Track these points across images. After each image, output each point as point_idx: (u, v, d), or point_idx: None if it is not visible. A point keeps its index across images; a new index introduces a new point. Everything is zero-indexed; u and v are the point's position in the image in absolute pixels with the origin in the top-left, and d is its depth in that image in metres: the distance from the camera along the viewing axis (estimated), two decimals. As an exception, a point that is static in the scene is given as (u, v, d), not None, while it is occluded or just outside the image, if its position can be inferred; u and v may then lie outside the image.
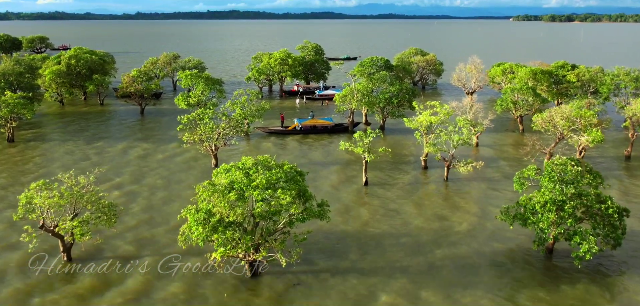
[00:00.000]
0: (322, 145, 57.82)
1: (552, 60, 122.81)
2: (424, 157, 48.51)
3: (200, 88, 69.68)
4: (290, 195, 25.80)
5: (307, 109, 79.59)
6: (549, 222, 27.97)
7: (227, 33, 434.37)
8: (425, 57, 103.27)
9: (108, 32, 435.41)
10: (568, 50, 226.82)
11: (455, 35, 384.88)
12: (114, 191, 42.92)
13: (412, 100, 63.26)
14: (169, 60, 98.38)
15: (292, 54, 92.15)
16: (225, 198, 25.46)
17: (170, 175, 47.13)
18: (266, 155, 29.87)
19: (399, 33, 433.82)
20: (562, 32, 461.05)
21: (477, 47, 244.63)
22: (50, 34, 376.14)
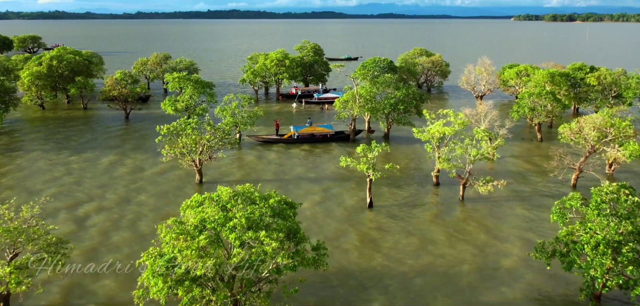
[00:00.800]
0: (320, 156, 52.12)
1: (561, 61, 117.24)
2: (435, 173, 42.84)
3: (188, 93, 64.06)
4: (277, 238, 20.14)
5: (304, 115, 73.89)
6: (603, 270, 22.28)
7: (226, 32, 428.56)
8: (431, 57, 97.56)
9: (107, 32, 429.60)
10: (575, 50, 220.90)
11: (457, 35, 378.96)
12: (78, 210, 37.24)
13: (419, 105, 57.61)
14: (159, 61, 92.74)
15: (289, 55, 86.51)
16: (194, 243, 19.80)
17: (148, 193, 41.48)
18: (248, 184, 24.10)
19: (400, 33, 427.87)
20: (566, 31, 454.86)
21: (481, 47, 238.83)
22: (50, 34, 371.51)
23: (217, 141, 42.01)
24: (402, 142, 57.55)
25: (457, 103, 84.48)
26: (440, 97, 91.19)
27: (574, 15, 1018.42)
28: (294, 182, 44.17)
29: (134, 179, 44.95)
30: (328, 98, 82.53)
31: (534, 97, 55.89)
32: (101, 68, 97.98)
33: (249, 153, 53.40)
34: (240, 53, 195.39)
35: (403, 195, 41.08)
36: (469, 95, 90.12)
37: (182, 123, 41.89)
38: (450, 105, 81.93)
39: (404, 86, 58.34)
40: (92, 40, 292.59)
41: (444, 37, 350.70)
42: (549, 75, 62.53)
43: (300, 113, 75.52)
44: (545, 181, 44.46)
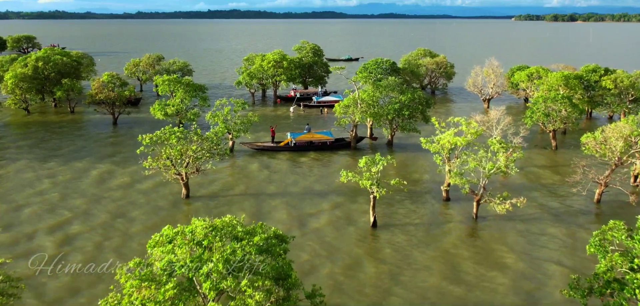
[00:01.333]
0: (318, 167, 48.21)
1: (568, 61, 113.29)
2: (445, 187, 38.95)
3: (179, 96, 60.22)
4: (263, 286, 16.28)
5: (303, 120, 70.02)
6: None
7: (226, 32, 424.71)
8: (435, 58, 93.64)
9: (106, 32, 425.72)
10: (580, 51, 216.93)
11: (458, 35, 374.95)
12: (44, 238, 33.38)
13: (425, 111, 53.72)
14: (151, 62, 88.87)
15: (287, 56, 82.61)
16: (160, 293, 15.95)
17: (129, 208, 37.62)
18: (228, 216, 20.15)
19: (401, 33, 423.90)
20: (569, 31, 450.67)
21: (484, 47, 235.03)
22: (49, 34, 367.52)
23: (204, 152, 38.13)
24: (407, 150, 53.64)
25: (463, 106, 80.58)
26: (444, 100, 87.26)
27: (575, 15, 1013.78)
28: (289, 197, 40.30)
29: (119, 193, 41.08)
30: (328, 102, 78.65)
31: (548, 101, 51.99)
32: (92, 69, 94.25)
33: (242, 162, 49.49)
34: (239, 53, 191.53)
35: (411, 212, 37.17)
36: (476, 98, 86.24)
37: (166, 132, 38.02)
38: (455, 109, 78.08)
39: (409, 90, 54.42)
40: (90, 40, 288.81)
41: (446, 37, 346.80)
42: (563, 78, 58.61)
43: (298, 117, 71.64)
44: (566, 195, 40.55)
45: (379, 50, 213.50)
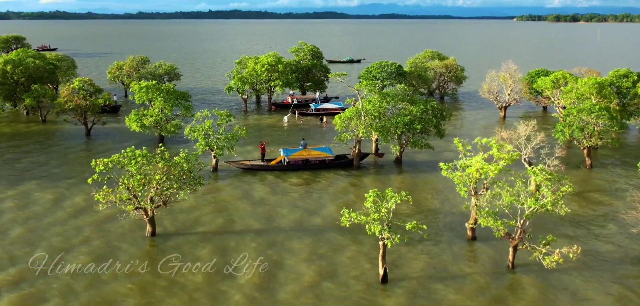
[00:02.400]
0: (315, 193, 40.83)
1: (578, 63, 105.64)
2: (471, 224, 31.55)
3: (157, 105, 52.94)
4: None
5: (299, 132, 62.69)
6: None
7: (226, 33, 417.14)
8: (444, 61, 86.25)
9: (105, 32, 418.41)
10: (591, 52, 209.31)
11: (461, 36, 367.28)
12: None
13: (440, 124, 46.32)
14: (135, 65, 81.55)
15: (283, 58, 75.24)
16: None
17: (73, 245, 30.28)
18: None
19: (403, 33, 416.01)
20: (573, 32, 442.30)
21: (489, 48, 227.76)
22: (47, 34, 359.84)
23: (172, 182, 30.76)
24: (419, 169, 46.23)
25: (476, 115, 73.12)
26: (455, 107, 79.82)
27: (577, 15, 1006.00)
28: (275, 234, 32.91)
29: (65, 226, 33.70)
30: (327, 110, 71.28)
31: (583, 113, 44.58)
32: (73, 73, 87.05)
33: (226, 185, 42.11)
34: (238, 54, 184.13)
35: (428, 258, 29.74)
36: (489, 105, 78.79)
37: (126, 156, 30.66)
38: (468, 118, 70.63)
39: (421, 100, 46.97)
40: (86, 40, 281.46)
41: (448, 37, 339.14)
42: (597, 85, 51.16)
43: (294, 128, 64.26)
44: (619, 233, 33.11)
45: (381, 51, 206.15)
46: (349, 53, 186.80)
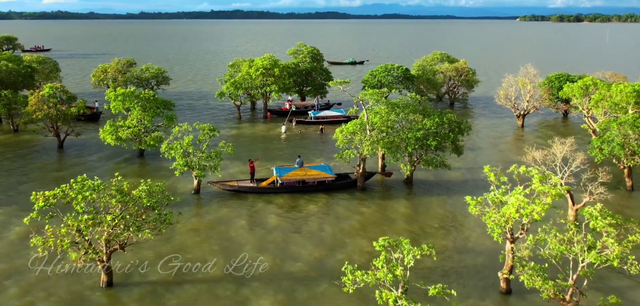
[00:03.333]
0: (312, 223, 34.56)
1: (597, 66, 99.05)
2: (505, 273, 25.21)
3: (135, 116, 46.77)
4: None
5: (297, 144, 56.47)
6: None
7: (227, 33, 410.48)
8: (454, 64, 79.88)
9: (105, 32, 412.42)
10: (604, 53, 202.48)
11: (465, 36, 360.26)
12: None
13: (457, 140, 40.02)
14: (120, 68, 75.39)
15: (279, 61, 68.98)
16: None
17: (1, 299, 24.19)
18: None
19: (406, 33, 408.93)
20: (580, 32, 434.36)
21: (497, 49, 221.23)
22: (47, 34, 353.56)
23: (126, 224, 24.46)
24: (434, 192, 39.92)
25: (490, 122, 66.74)
26: (466, 113, 73.49)
27: (581, 16, 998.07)
28: (259, 272, 26.62)
29: (6, 264, 27.52)
30: (327, 118, 65.03)
31: (626, 126, 38.22)
32: (56, 76, 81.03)
33: (207, 213, 35.87)
34: (237, 55, 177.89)
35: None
36: (503, 111, 72.37)
37: (75, 188, 24.44)
38: (483, 127, 64.28)
39: (436, 111, 40.58)
40: (85, 40, 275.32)
41: (453, 38, 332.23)
42: (635, 93, 44.71)
43: (292, 139, 58.02)
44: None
45: (385, 52, 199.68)
46: (351, 54, 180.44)
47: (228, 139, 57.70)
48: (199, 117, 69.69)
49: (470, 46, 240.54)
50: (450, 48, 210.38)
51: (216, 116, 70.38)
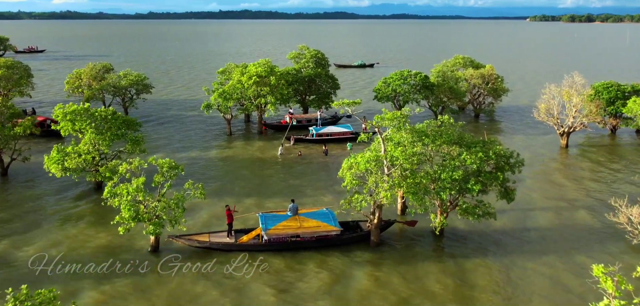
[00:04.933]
0: (308, 299, 24.35)
1: (635, 73, 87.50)
2: None
3: (88, 140, 36.86)
4: None
5: (296, 172, 46.31)
6: None
7: (234, 33, 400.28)
8: (480, 70, 69.30)
9: (108, 32, 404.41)
10: (633, 57, 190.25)
11: (477, 37, 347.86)
12: None
13: (506, 181, 29.54)
14: (96, 74, 65.57)
15: (276, 67, 58.84)
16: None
17: None
18: None
19: (416, 34, 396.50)
20: (596, 33, 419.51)
21: (513, 51, 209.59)
22: (52, 35, 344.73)
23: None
24: (473, 246, 29.52)
25: (528, 142, 56.13)
26: (495, 128, 62.97)
27: (592, 16, 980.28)
28: None
29: None
30: (333, 135, 54.85)
31: None
32: (28, 83, 71.53)
33: (166, 283, 25.72)
34: (242, 57, 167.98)
35: None
36: (540, 126, 61.66)
37: None
38: (519, 145, 53.73)
39: (477, 142, 30.06)
40: (86, 40, 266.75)
41: (465, 39, 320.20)
42: None
43: (292, 163, 47.83)
44: None
45: (396, 54, 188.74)
46: (360, 56, 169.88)
47: (212, 162, 47.73)
48: (184, 132, 59.76)
49: (486, 48, 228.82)
50: (466, 50, 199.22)
51: (205, 131, 60.50)
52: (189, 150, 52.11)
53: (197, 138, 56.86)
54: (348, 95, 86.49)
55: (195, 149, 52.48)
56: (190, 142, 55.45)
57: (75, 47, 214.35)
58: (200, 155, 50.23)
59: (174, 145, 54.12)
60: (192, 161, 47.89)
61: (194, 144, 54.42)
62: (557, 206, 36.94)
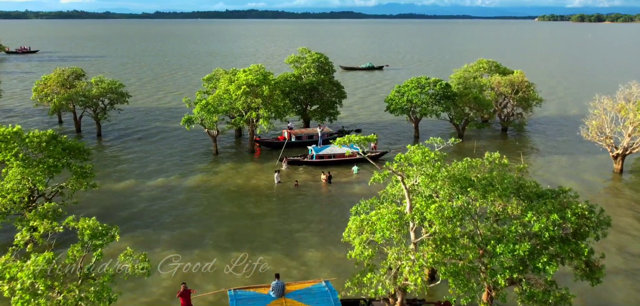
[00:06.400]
0: None
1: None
2: None
3: (13, 176, 27.99)
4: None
5: (287, 214, 37.28)
6: None
7: (240, 33, 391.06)
8: (508, 77, 59.83)
9: (111, 32, 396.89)
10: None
11: (488, 38, 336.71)
12: None
13: (592, 253, 20.11)
14: (63, 82, 56.70)
15: (270, 75, 49.70)
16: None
17: None
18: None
19: (424, 34, 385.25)
20: (609, 33, 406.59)
21: (534, 54, 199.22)
22: (56, 34, 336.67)
23: None
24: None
25: (572, 163, 46.66)
26: (528, 146, 53.51)
27: (602, 16, 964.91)
28: None
29: None
30: (336, 157, 45.72)
31: None
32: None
33: None
34: (244, 58, 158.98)
35: None
36: (585, 146, 52.07)
37: None
38: (564, 170, 44.28)
39: (548, 197, 20.72)
40: (84, 40, 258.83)
41: (475, 39, 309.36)
42: None
43: (285, 193, 38.73)
44: None
45: (405, 56, 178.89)
46: (368, 57, 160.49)
47: (191, 193, 38.77)
48: (163, 150, 50.85)
49: (501, 49, 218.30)
50: (480, 51, 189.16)
51: (189, 148, 51.65)
52: (165, 175, 43.14)
53: (178, 159, 47.95)
54: (355, 103, 77.39)
55: (172, 173, 43.54)
56: (169, 163, 46.51)
57: (73, 47, 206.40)
58: (178, 183, 41.21)
59: (147, 168, 45.20)
60: (165, 192, 38.96)
61: (173, 167, 45.47)
62: (635, 270, 27.56)
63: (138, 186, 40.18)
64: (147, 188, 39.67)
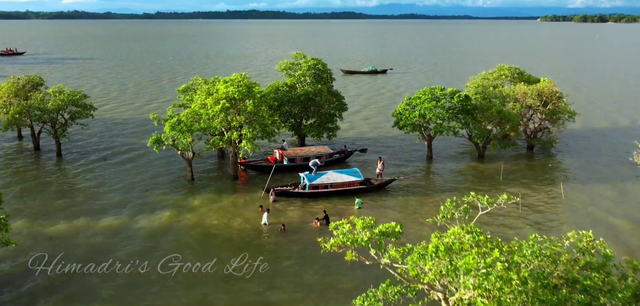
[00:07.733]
0: None
1: None
2: None
3: None
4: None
5: (281, 270, 28.98)
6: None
7: (240, 33, 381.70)
8: (535, 86, 51.57)
9: (108, 32, 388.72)
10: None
11: (492, 39, 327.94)
12: None
13: None
14: (17, 92, 48.45)
15: (257, 85, 41.48)
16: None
17: None
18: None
19: (427, 35, 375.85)
20: (614, 34, 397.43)
21: (547, 58, 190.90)
22: (56, 35, 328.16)
23: None
24: None
25: (622, 198, 38.47)
26: (562, 170, 45.25)
27: (605, 16, 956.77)
28: None
29: None
30: (334, 186, 37.53)
31: None
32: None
33: None
34: (241, 61, 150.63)
35: None
36: (627, 169, 43.88)
37: None
38: (607, 206, 36.14)
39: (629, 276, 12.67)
40: (77, 41, 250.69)
41: (481, 40, 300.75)
42: None
43: (277, 239, 30.48)
44: None
45: (409, 58, 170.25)
46: (370, 60, 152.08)
47: (154, 241, 30.43)
48: (130, 174, 42.67)
49: (504, 50, 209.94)
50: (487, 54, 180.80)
51: (164, 170, 43.67)
52: (126, 211, 34.94)
53: (145, 186, 39.82)
54: (357, 111, 69.16)
55: (134, 208, 35.39)
56: (133, 194, 38.35)
57: (64, 49, 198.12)
58: (142, 225, 32.83)
59: (104, 200, 37.04)
60: (118, 240, 30.68)
61: (136, 199, 37.31)
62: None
63: (84, 229, 31.92)
64: (95, 233, 31.41)
